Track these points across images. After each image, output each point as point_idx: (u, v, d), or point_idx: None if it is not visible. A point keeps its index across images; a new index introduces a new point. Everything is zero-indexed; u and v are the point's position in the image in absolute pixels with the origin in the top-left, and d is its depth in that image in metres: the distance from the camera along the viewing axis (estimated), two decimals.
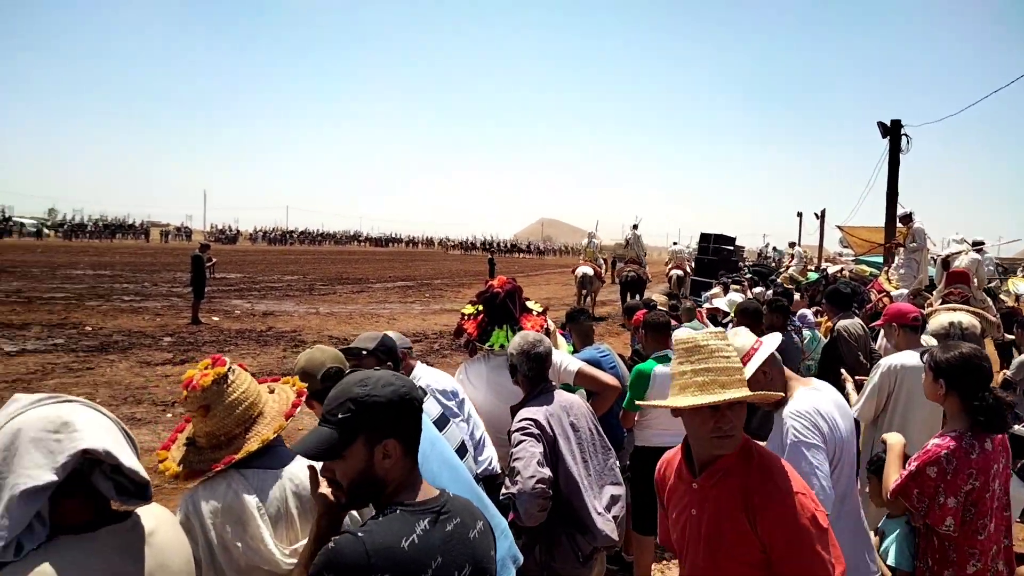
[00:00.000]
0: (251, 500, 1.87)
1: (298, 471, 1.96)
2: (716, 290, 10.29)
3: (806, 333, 6.36)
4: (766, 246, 31.56)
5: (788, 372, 2.56)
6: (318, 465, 1.61)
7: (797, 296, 9.87)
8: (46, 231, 61.65)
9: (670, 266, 21.92)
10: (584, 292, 19.86)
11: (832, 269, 19.14)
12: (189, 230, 76.60)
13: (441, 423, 2.94)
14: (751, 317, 4.53)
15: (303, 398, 2.12)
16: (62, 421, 1.44)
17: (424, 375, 3.26)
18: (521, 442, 2.70)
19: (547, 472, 2.66)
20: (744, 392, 1.85)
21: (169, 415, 8.01)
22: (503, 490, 2.67)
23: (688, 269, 22.00)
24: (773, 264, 28.34)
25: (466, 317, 3.62)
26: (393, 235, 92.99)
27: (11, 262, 29.85)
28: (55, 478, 1.37)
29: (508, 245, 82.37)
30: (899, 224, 12.23)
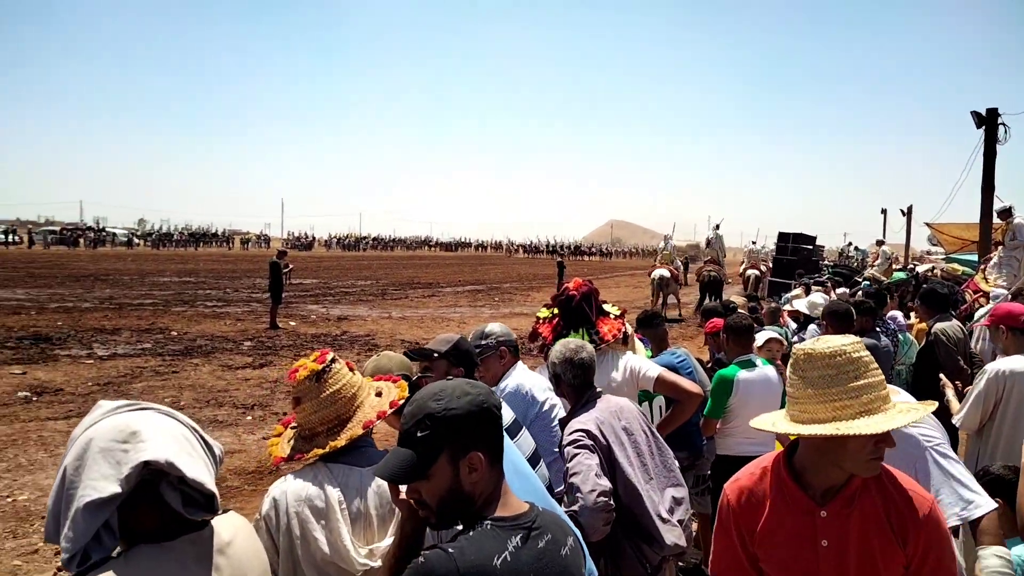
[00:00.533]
0: (334, 494, 1.88)
1: None
2: (797, 291, 9.86)
3: (900, 337, 5.98)
4: (848, 245, 30.33)
5: None
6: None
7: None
8: (136, 241, 65.02)
9: (745, 266, 21.56)
10: (660, 295, 19.71)
11: (921, 268, 18.19)
12: (268, 237, 79.45)
13: (513, 430, 2.83)
14: (842, 319, 4.27)
15: (394, 409, 2.06)
16: (130, 431, 1.42)
17: (514, 378, 3.16)
18: (575, 456, 2.58)
19: (607, 483, 2.53)
20: (918, 406, 1.72)
21: (249, 417, 8.20)
22: (563, 508, 2.53)
23: (763, 269, 21.54)
24: (855, 264, 27.20)
25: (541, 321, 3.52)
26: (463, 239, 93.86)
27: (104, 271, 31.53)
28: (119, 490, 1.35)
29: (572, 247, 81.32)
30: (997, 220, 11.49)
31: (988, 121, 14.19)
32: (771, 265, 22.72)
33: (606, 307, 3.56)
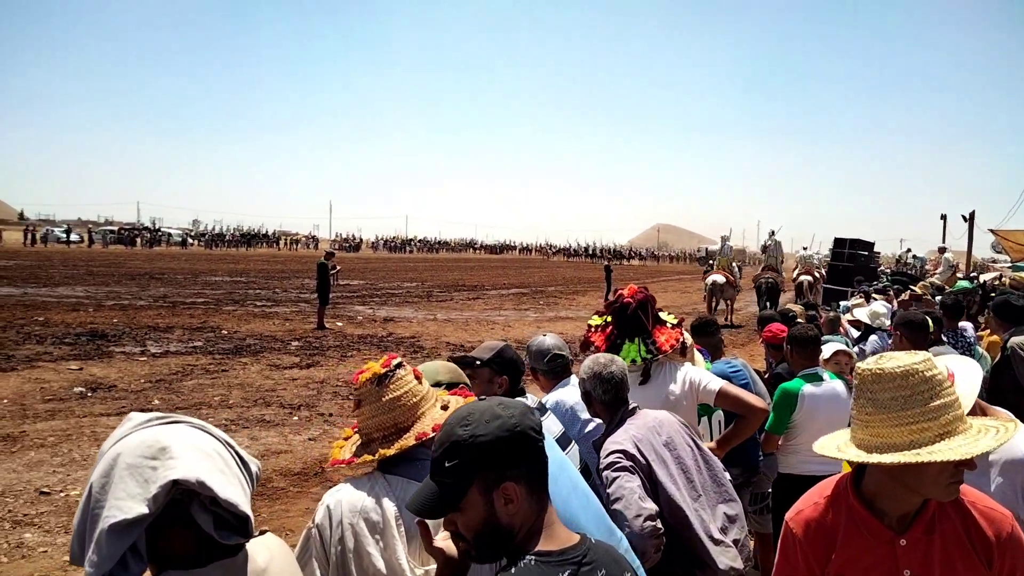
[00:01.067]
0: (391, 508, 1.78)
1: None
2: (858, 300, 9.48)
3: (973, 351, 5.64)
4: (907, 252, 29.35)
5: None
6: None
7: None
8: (190, 241, 66.83)
9: (798, 271, 21.16)
10: (715, 301, 19.52)
11: (987, 277, 17.42)
12: (316, 239, 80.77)
13: (563, 443, 2.69)
14: (917, 331, 4.00)
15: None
16: (160, 446, 1.32)
17: (555, 393, 3.02)
18: (615, 479, 2.39)
19: (652, 506, 2.35)
20: (1000, 424, 1.58)
21: (295, 418, 8.23)
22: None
23: (816, 276, 21.15)
24: (914, 272, 26.26)
25: (593, 329, 3.36)
26: (507, 242, 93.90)
27: (159, 269, 32.41)
28: (146, 511, 1.26)
29: (612, 251, 79.83)
30: None
31: None
32: (825, 272, 22.15)
33: (662, 315, 3.38)
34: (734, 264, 21.74)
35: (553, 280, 39.62)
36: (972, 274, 20.64)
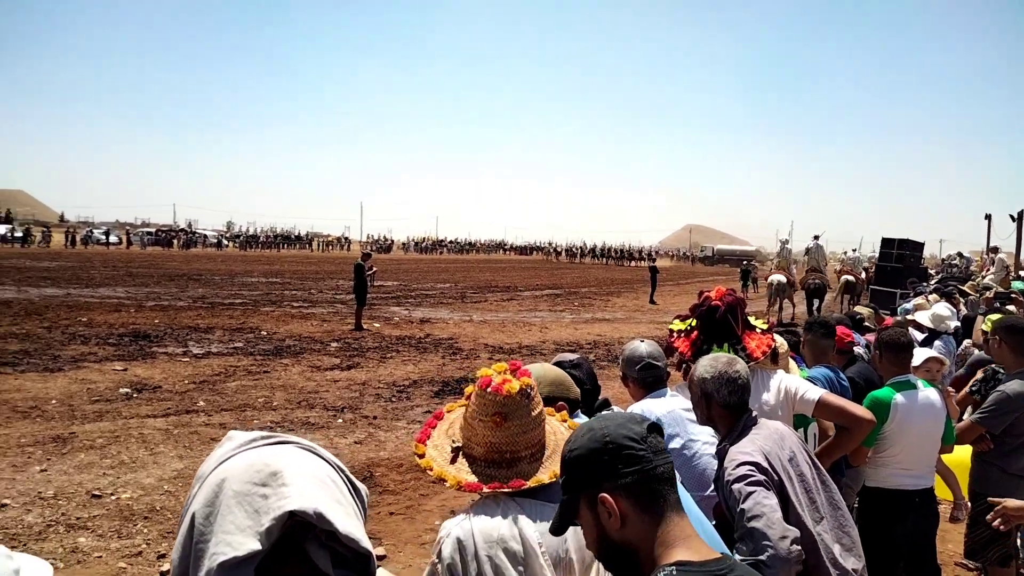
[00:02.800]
0: (532, 534, 1.59)
1: None
2: (919, 300, 9.09)
3: None
4: (957, 254, 28.50)
5: None
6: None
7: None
8: (225, 242, 67.73)
9: (839, 269, 21.75)
10: (778, 300, 20.12)
11: None
12: (348, 240, 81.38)
13: None
14: (1020, 336, 3.74)
15: None
16: (271, 471, 1.15)
17: (638, 405, 2.82)
18: (750, 494, 2.16)
19: (795, 529, 2.13)
20: None
21: (340, 420, 8.14)
22: (738, 558, 2.13)
23: (856, 277, 21.25)
24: (959, 272, 25.51)
25: (676, 334, 3.16)
26: (536, 243, 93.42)
27: (197, 270, 32.81)
28: (259, 547, 1.08)
29: (620, 252, 76.84)
30: None
31: None
32: (868, 273, 21.85)
33: (752, 320, 3.17)
34: (792, 264, 22.25)
35: (586, 281, 39.34)
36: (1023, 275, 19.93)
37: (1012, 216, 31.27)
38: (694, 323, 3.14)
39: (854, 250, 23.67)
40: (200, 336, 13.63)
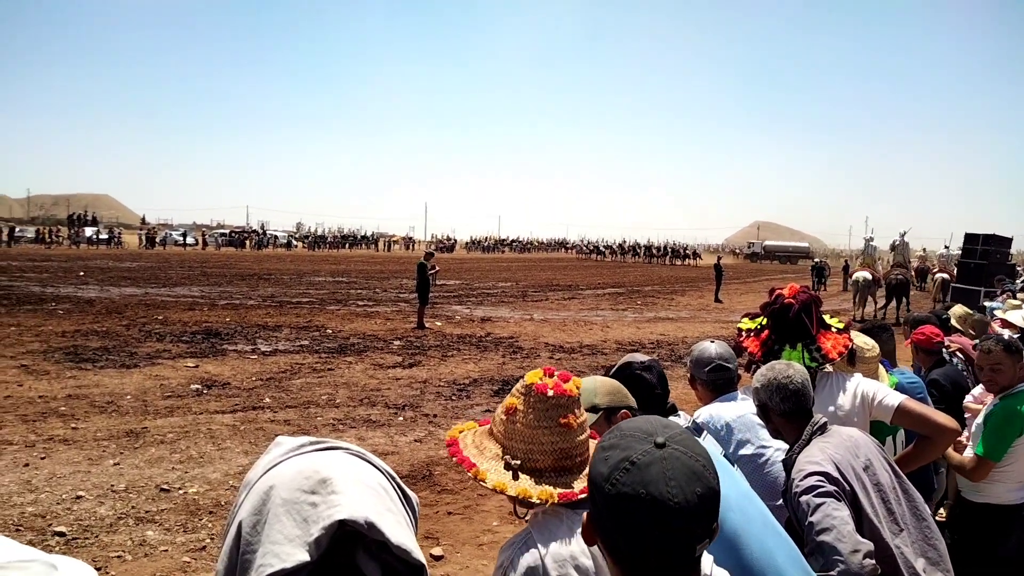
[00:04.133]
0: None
1: None
2: (1015, 300, 8.50)
3: None
4: None
5: None
6: None
7: None
8: (295, 243, 69.63)
9: (930, 267, 22.15)
10: (863, 297, 20.38)
11: None
12: (412, 240, 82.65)
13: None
14: None
15: None
16: (320, 478, 1.09)
17: (706, 409, 2.66)
18: (819, 506, 2.01)
19: (869, 542, 1.96)
20: None
21: (400, 418, 8.17)
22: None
23: (951, 275, 21.26)
24: None
25: (745, 333, 2.98)
26: (601, 241, 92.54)
27: (267, 270, 33.80)
28: (307, 557, 1.02)
29: (665, 249, 72.11)
30: None
31: None
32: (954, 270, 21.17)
33: (827, 319, 2.96)
34: (878, 262, 22.58)
35: (649, 280, 38.81)
36: None
37: None
38: (765, 322, 2.95)
39: (946, 247, 23.12)
40: (268, 334, 13.97)
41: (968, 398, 4.12)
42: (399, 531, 1.09)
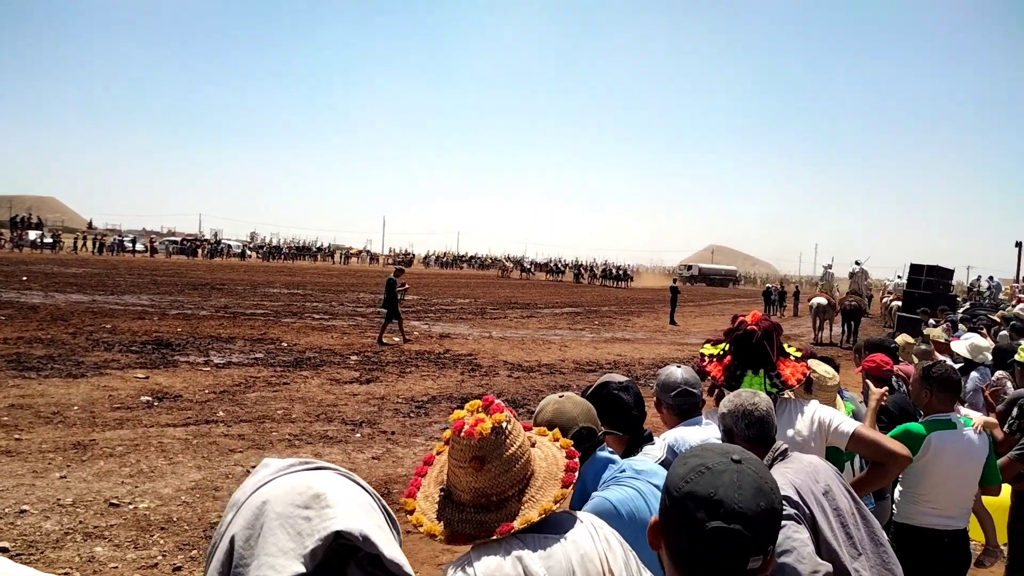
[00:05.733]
0: (538, 571, 1.50)
1: (579, 538, 1.57)
2: (933, 329, 8.83)
3: None
4: (978, 279, 28.10)
5: None
6: None
7: None
8: (248, 252, 68.41)
9: (891, 298, 23.71)
10: (820, 322, 21.89)
11: None
12: (371, 253, 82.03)
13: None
14: None
15: (578, 465, 1.69)
16: (313, 493, 1.13)
17: (672, 432, 2.74)
18: (780, 528, 2.09)
19: (827, 564, 2.04)
20: None
21: (358, 435, 8.10)
22: None
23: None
24: (986, 300, 25.06)
25: (708, 358, 3.08)
26: (558, 261, 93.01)
27: (220, 280, 33.15)
28: (302, 569, 1.05)
29: (587, 268, 70.60)
30: None
31: None
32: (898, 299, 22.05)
33: (786, 346, 3.08)
34: (835, 288, 23.94)
35: (606, 300, 39.24)
36: None
37: None
38: (727, 347, 3.05)
39: (899, 276, 24.39)
40: (221, 346, 13.71)
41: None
42: (391, 547, 1.14)
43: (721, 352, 3.05)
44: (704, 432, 2.71)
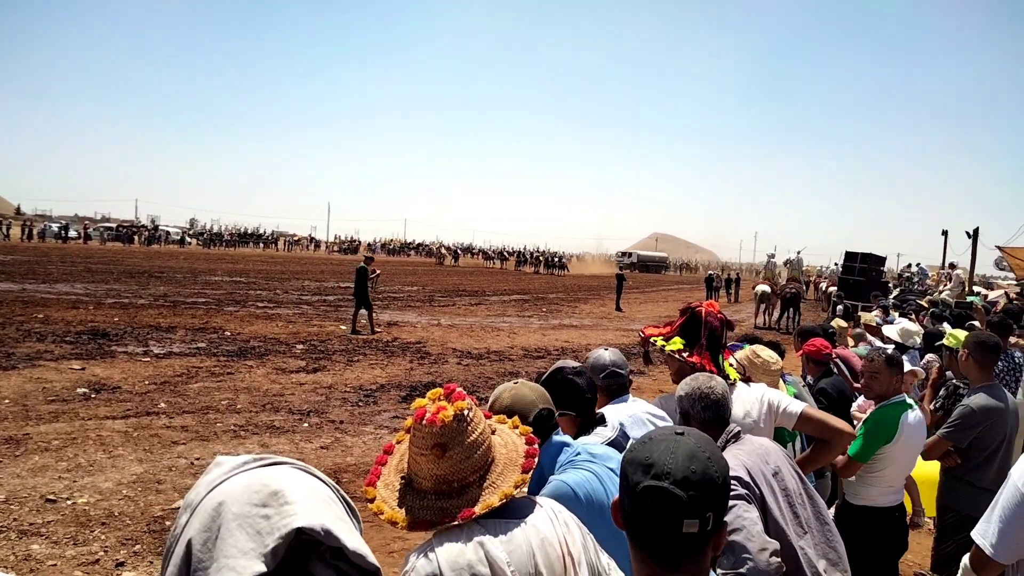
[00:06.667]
0: (499, 555, 1.51)
1: (539, 523, 1.59)
2: (839, 322, 9.20)
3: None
4: (909, 266, 29.30)
5: None
6: None
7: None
8: (188, 239, 66.43)
9: (826, 284, 24.73)
10: (763, 307, 22.87)
11: (994, 295, 17.31)
12: (316, 240, 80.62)
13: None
14: (991, 353, 3.81)
15: (537, 451, 1.71)
16: (270, 490, 1.11)
17: (607, 409, 2.80)
18: (731, 507, 2.14)
19: (775, 542, 2.13)
20: None
21: (305, 425, 8.00)
22: (718, 572, 2.10)
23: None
24: (915, 286, 26.16)
25: (677, 352, 3.14)
26: (507, 248, 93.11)
27: (159, 268, 32.13)
28: (263, 568, 1.04)
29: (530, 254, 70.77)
30: None
31: None
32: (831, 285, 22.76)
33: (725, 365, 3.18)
34: (777, 276, 25.50)
35: (554, 287, 39.48)
36: (977, 290, 20.55)
37: (968, 233, 32.23)
38: (681, 341, 3.10)
39: (836, 264, 25.41)
40: (161, 335, 13.31)
41: (854, 406, 4.49)
42: (354, 538, 1.13)
43: (683, 345, 3.10)
44: (631, 408, 2.81)
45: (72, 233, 58.51)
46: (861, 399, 4.48)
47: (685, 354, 3.01)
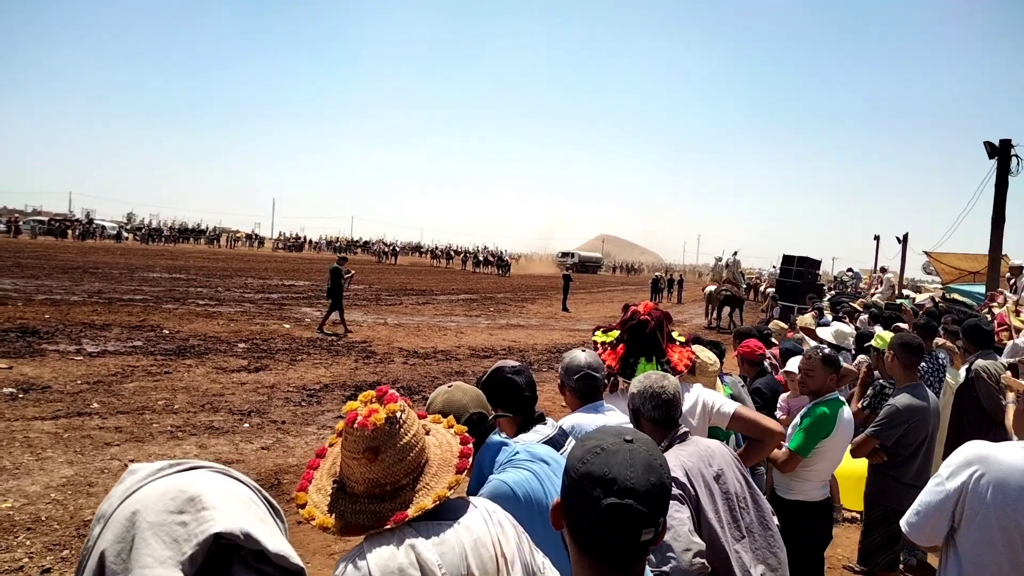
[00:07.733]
0: (431, 557, 1.51)
1: (472, 523, 1.60)
2: (829, 318, 9.54)
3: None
4: (847, 271, 30.30)
5: None
6: None
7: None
8: (125, 234, 64.15)
9: (764, 286, 25.92)
10: (710, 308, 23.43)
11: (921, 298, 18.04)
12: (259, 237, 78.84)
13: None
14: (916, 354, 3.99)
15: (471, 451, 1.72)
16: (187, 496, 1.10)
17: (570, 418, 2.81)
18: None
19: (701, 542, 2.18)
20: None
21: (246, 425, 7.84)
22: (648, 570, 2.15)
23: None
24: (849, 289, 27.11)
25: (603, 346, 3.19)
26: (454, 247, 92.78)
27: (93, 263, 30.95)
28: None
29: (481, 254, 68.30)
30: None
31: (1001, 152, 14.10)
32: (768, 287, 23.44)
33: (674, 334, 3.24)
34: (728, 276, 25.69)
35: (502, 287, 39.55)
36: (906, 294, 21.40)
37: (898, 238, 33.52)
38: (618, 336, 3.17)
39: (774, 267, 25.89)
40: (95, 333, 12.84)
41: (780, 399, 4.66)
42: (275, 540, 1.13)
43: (614, 340, 3.17)
44: (602, 420, 2.80)
45: (1, 226, 55.90)
46: (784, 395, 4.66)
47: (599, 350, 3.07)
